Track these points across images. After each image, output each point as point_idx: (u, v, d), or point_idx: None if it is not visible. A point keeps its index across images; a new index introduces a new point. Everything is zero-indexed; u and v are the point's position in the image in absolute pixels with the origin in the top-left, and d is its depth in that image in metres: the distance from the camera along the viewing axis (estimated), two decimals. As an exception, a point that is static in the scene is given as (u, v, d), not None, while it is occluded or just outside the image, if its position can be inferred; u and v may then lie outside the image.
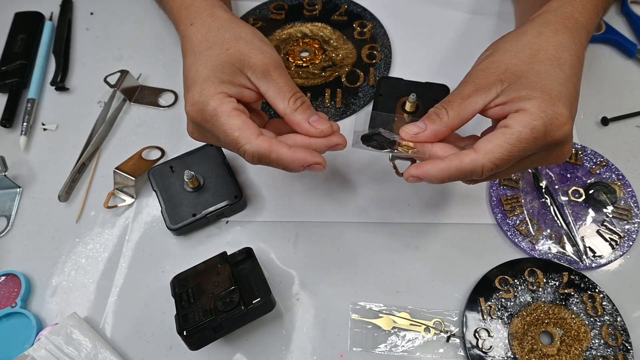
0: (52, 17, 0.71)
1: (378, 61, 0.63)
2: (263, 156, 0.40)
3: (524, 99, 0.37)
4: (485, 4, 0.68)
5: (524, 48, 0.40)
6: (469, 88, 0.39)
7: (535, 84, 0.38)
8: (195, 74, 0.42)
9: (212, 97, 0.40)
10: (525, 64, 0.39)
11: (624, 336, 0.46)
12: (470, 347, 0.46)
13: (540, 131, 0.36)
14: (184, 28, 0.48)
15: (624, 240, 0.50)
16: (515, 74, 0.39)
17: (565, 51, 0.40)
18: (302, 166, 0.40)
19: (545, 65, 0.39)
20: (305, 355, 0.47)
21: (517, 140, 0.36)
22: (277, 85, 0.42)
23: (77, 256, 0.53)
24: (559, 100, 0.37)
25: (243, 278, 0.47)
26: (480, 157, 0.37)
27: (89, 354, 0.47)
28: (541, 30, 0.41)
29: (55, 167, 0.58)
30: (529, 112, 0.36)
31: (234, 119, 0.40)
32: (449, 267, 0.51)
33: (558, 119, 0.37)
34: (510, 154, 0.37)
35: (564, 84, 0.38)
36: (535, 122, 0.36)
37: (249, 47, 0.43)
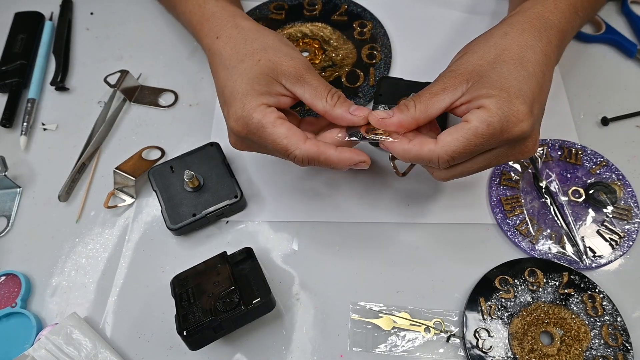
0: (52, 17, 0.71)
1: (378, 61, 0.63)
2: (312, 159, 0.42)
3: (484, 96, 0.39)
4: (485, 3, 0.68)
5: (490, 49, 0.42)
6: (438, 86, 0.42)
7: (496, 83, 0.39)
8: (232, 89, 0.44)
9: (254, 110, 0.42)
10: (489, 64, 0.41)
11: (624, 336, 0.46)
12: (470, 347, 0.46)
13: (496, 127, 0.38)
14: (209, 42, 0.48)
15: (624, 240, 0.50)
16: (479, 73, 0.41)
17: (529, 49, 0.41)
18: (348, 165, 0.43)
19: (507, 65, 0.40)
20: (305, 355, 0.47)
21: (473, 135, 0.39)
22: (311, 87, 0.44)
23: (77, 256, 0.53)
24: (517, 98, 0.39)
25: (243, 278, 0.47)
26: (438, 148, 0.40)
27: (89, 354, 0.47)
28: (507, 30, 0.43)
29: (55, 167, 0.58)
30: (486, 109, 0.39)
31: (279, 127, 0.42)
32: (449, 267, 0.51)
33: (515, 115, 0.38)
34: (465, 148, 0.39)
35: (524, 81, 0.40)
36: (492, 118, 0.38)
37: (278, 55, 0.45)
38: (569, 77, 0.61)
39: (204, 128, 0.60)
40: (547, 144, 0.56)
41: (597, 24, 0.65)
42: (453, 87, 0.41)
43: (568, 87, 0.61)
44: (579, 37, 0.64)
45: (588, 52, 0.64)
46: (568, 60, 0.63)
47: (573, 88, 0.61)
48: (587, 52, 0.64)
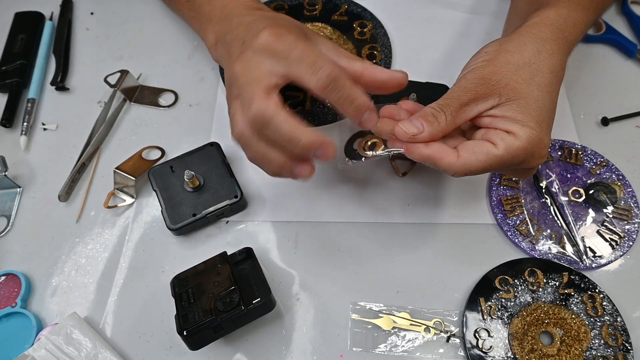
0: (52, 17, 0.71)
1: (378, 61, 0.63)
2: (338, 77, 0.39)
3: (519, 123, 0.39)
4: (484, 4, 0.68)
5: (525, 66, 0.41)
6: (469, 95, 0.40)
7: (532, 112, 0.39)
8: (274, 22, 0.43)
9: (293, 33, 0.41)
10: (525, 85, 0.40)
11: (624, 336, 0.46)
12: (470, 347, 0.46)
13: (521, 157, 0.39)
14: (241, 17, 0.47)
15: (624, 241, 0.50)
16: (514, 91, 0.39)
17: (555, 76, 0.42)
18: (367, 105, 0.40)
19: (542, 92, 0.40)
20: (305, 355, 0.47)
21: (497, 161, 0.39)
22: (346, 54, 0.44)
23: (77, 256, 0.53)
24: (547, 134, 0.39)
25: (243, 278, 0.47)
26: (458, 164, 0.39)
27: (89, 354, 0.47)
28: (540, 48, 0.42)
29: (55, 167, 0.58)
30: (518, 139, 0.38)
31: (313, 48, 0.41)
32: (449, 267, 0.51)
33: (542, 150, 0.39)
34: (485, 169, 0.39)
35: (551, 110, 0.41)
36: (519, 151, 0.38)
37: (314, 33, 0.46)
38: (569, 77, 0.61)
39: (204, 128, 0.60)
40: (547, 144, 0.56)
41: (597, 24, 0.65)
42: (484, 98, 0.40)
43: (568, 87, 0.61)
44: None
45: (588, 52, 0.64)
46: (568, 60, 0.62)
47: (573, 88, 0.61)
48: (587, 52, 0.64)
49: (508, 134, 0.39)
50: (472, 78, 0.41)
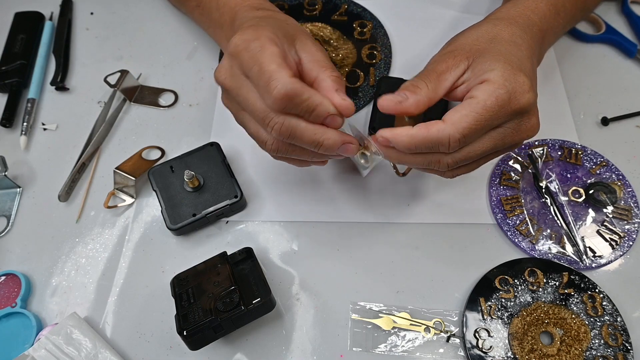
0: (52, 17, 0.71)
1: (378, 61, 0.63)
2: (296, 95, 0.37)
3: (487, 70, 0.39)
4: (484, 4, 0.68)
5: (483, 33, 0.43)
6: (441, 65, 0.41)
7: (498, 57, 0.40)
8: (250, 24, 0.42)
9: (264, 36, 0.39)
10: (487, 43, 0.42)
11: (624, 336, 0.46)
12: (470, 347, 0.46)
13: (504, 99, 0.38)
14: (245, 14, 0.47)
15: (624, 240, 0.50)
16: (479, 51, 0.41)
17: (518, 37, 0.43)
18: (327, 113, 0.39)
19: (504, 45, 0.41)
20: (305, 355, 0.47)
21: (483, 109, 0.37)
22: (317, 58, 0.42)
23: (77, 256, 0.53)
24: (520, 70, 0.39)
25: (243, 278, 0.47)
26: (448, 126, 0.37)
27: (89, 354, 0.47)
28: (495, 23, 0.44)
29: (55, 167, 0.58)
30: (492, 82, 0.38)
31: (277, 57, 0.38)
32: (449, 267, 0.51)
33: (521, 86, 0.38)
34: (477, 123, 0.37)
35: (522, 60, 0.41)
36: (500, 90, 0.38)
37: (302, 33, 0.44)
38: (569, 77, 0.61)
39: (204, 128, 0.60)
40: (547, 144, 0.56)
41: (597, 24, 0.65)
42: (455, 65, 0.40)
43: (568, 87, 0.61)
44: (579, 37, 0.64)
45: (588, 52, 0.64)
46: (568, 60, 0.63)
47: (573, 88, 0.61)
48: (587, 52, 0.64)
49: (482, 84, 0.39)
50: (439, 54, 0.43)
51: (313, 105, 0.38)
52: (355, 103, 0.60)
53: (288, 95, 0.37)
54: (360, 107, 0.60)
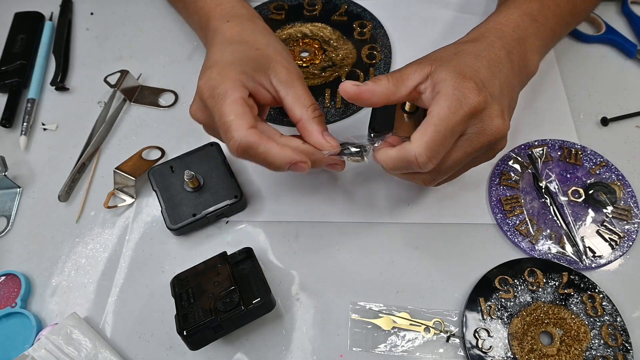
0: (52, 17, 0.71)
1: (378, 61, 0.63)
2: (250, 147, 0.40)
3: (441, 81, 0.41)
4: (485, 5, 0.68)
5: (449, 48, 0.46)
6: (406, 69, 0.43)
7: (452, 69, 0.41)
8: (219, 58, 0.44)
9: (228, 79, 0.41)
10: (452, 54, 0.44)
11: (624, 336, 0.46)
12: (470, 347, 0.46)
13: (455, 106, 0.40)
14: (217, 24, 0.48)
15: (624, 241, 0.50)
16: (441, 59, 0.43)
17: (483, 51, 0.44)
18: (288, 163, 0.41)
19: (463, 56, 0.43)
20: (305, 355, 0.47)
21: (438, 120, 0.39)
22: (297, 92, 0.44)
23: (77, 256, 0.53)
24: (471, 78, 0.41)
25: (243, 278, 0.47)
26: (412, 145, 0.40)
27: (89, 354, 0.47)
28: (464, 40, 0.47)
29: (55, 167, 0.58)
30: (443, 93, 0.40)
31: (237, 105, 0.41)
32: (449, 267, 0.51)
33: (470, 90, 0.40)
34: (437, 135, 0.39)
35: (477, 69, 0.42)
36: (449, 100, 0.40)
37: (277, 55, 0.45)
38: (569, 77, 0.62)
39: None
40: (547, 144, 0.56)
41: (597, 24, 0.65)
42: (419, 69, 0.42)
43: (568, 87, 0.61)
44: (579, 37, 0.64)
45: (588, 52, 0.64)
46: (568, 60, 0.63)
47: (573, 88, 0.61)
48: (587, 52, 0.64)
49: (436, 97, 0.41)
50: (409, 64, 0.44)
51: (270, 159, 0.41)
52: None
53: (243, 148, 0.40)
54: (360, 108, 0.60)
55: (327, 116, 0.59)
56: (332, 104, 0.60)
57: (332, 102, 0.60)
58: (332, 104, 0.60)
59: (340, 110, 0.60)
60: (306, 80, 0.62)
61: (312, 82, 0.62)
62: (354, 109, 0.60)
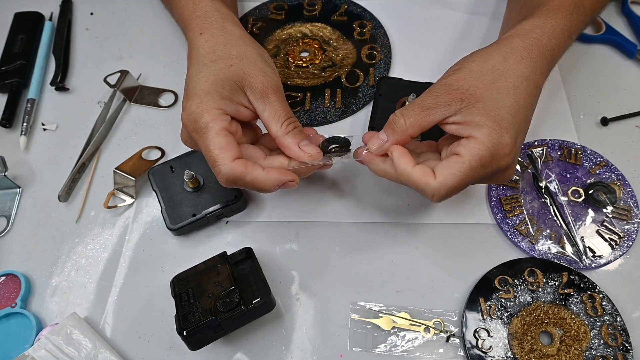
0: (52, 17, 0.71)
1: (378, 61, 0.63)
2: (238, 178, 0.42)
3: (477, 125, 0.40)
4: (484, 4, 0.68)
5: (488, 72, 0.42)
6: (431, 100, 0.42)
7: (490, 112, 0.40)
8: (196, 85, 0.44)
9: (208, 111, 0.42)
10: (486, 89, 0.41)
11: (624, 336, 0.46)
12: (470, 347, 0.46)
13: (487, 160, 0.40)
14: (193, 35, 0.49)
15: (624, 241, 0.50)
16: (474, 96, 0.41)
17: (524, 81, 0.42)
18: (276, 185, 0.43)
19: (502, 94, 0.41)
20: (305, 355, 0.47)
21: (468, 169, 0.40)
22: (273, 107, 0.44)
23: (77, 256, 0.53)
24: (507, 132, 0.40)
25: (243, 278, 0.47)
26: (436, 184, 0.40)
27: (89, 354, 0.47)
28: (507, 56, 0.43)
29: (55, 167, 0.58)
30: (478, 142, 0.40)
31: (220, 137, 0.42)
32: (449, 267, 0.51)
33: (503, 149, 0.40)
34: (462, 181, 0.40)
35: (515, 114, 0.41)
36: (483, 152, 0.39)
37: (252, 68, 0.45)
38: (569, 77, 0.62)
39: (204, 128, 0.60)
40: (547, 144, 0.56)
41: (597, 24, 0.65)
42: (446, 104, 0.41)
43: (568, 87, 0.61)
44: (579, 37, 0.64)
45: (588, 52, 0.64)
46: (568, 60, 0.63)
47: (573, 88, 0.61)
48: (587, 52, 0.64)
49: (469, 140, 0.40)
50: (437, 85, 0.43)
51: (258, 186, 0.42)
52: (355, 103, 0.60)
53: (231, 180, 0.42)
54: (359, 108, 0.60)
55: (327, 116, 0.60)
56: (332, 104, 0.60)
57: (332, 102, 0.60)
58: (332, 104, 0.60)
59: (340, 110, 0.60)
60: (306, 80, 0.62)
61: (312, 82, 0.62)
62: (354, 109, 0.60)
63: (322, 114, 0.60)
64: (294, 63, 0.63)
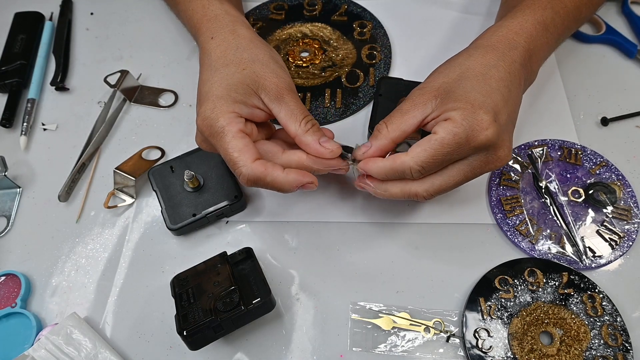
0: (52, 17, 0.71)
1: (378, 61, 0.63)
2: (258, 179, 0.42)
3: (451, 109, 0.41)
4: (484, 4, 0.68)
5: (455, 68, 0.44)
6: (408, 104, 0.44)
7: (461, 97, 0.41)
8: (209, 90, 0.44)
9: (223, 115, 0.43)
10: (455, 81, 0.43)
11: (624, 336, 0.46)
12: (470, 347, 0.46)
13: (462, 136, 0.40)
14: (204, 40, 0.49)
15: (624, 241, 0.50)
16: (445, 90, 0.43)
17: (492, 68, 0.43)
18: (296, 187, 0.44)
19: (471, 81, 0.43)
20: (305, 355, 0.47)
21: (439, 145, 0.40)
22: (289, 107, 0.45)
23: (77, 256, 0.53)
24: (480, 108, 0.41)
25: (243, 278, 0.47)
26: (408, 159, 0.41)
27: (89, 354, 0.47)
28: (471, 53, 0.45)
29: (55, 167, 0.58)
30: (452, 120, 0.41)
31: (237, 140, 0.42)
32: (449, 267, 0.51)
33: (479, 124, 0.40)
34: (434, 157, 0.41)
35: (487, 95, 0.42)
36: (457, 128, 0.40)
37: (264, 70, 0.45)
38: (569, 77, 0.62)
39: (204, 128, 0.60)
40: (547, 144, 0.56)
41: (597, 24, 0.65)
42: (422, 104, 0.43)
43: (568, 87, 0.61)
44: (579, 37, 0.64)
45: (588, 52, 0.64)
46: (568, 60, 0.63)
47: (573, 88, 0.61)
48: (587, 52, 0.64)
49: (445, 121, 0.41)
50: (413, 91, 0.45)
51: (277, 186, 0.43)
52: (355, 103, 0.60)
53: (252, 180, 0.43)
54: (359, 108, 0.60)
55: (327, 116, 0.60)
56: (332, 104, 0.60)
57: (332, 102, 0.60)
58: (332, 104, 0.60)
59: (340, 110, 0.60)
60: (306, 80, 0.62)
61: (312, 82, 0.62)
62: (354, 109, 0.60)
63: (322, 114, 0.60)
64: (294, 63, 0.63)
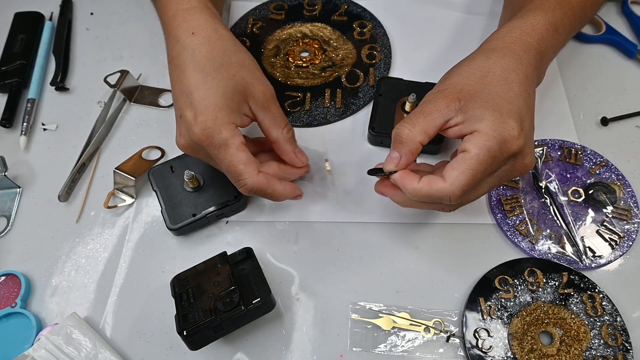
0: (52, 17, 0.71)
1: (378, 61, 0.63)
2: (260, 190, 0.45)
3: (478, 118, 0.40)
4: (484, 4, 0.68)
5: (475, 70, 0.43)
6: (430, 106, 0.42)
7: (487, 104, 0.40)
8: (205, 97, 0.44)
9: (224, 126, 0.44)
10: (477, 85, 0.42)
11: (624, 336, 0.46)
12: (470, 347, 0.46)
13: (495, 150, 0.39)
14: (181, 33, 0.47)
15: (624, 241, 0.50)
16: (469, 93, 0.41)
17: (512, 72, 0.43)
18: (289, 197, 0.48)
19: (494, 86, 0.42)
20: (305, 355, 0.47)
21: (477, 163, 0.39)
22: (273, 115, 0.47)
23: (77, 256, 0.53)
24: (509, 117, 0.40)
25: (243, 278, 0.47)
26: (447, 185, 0.40)
27: (89, 354, 0.47)
28: (489, 55, 0.44)
29: (55, 167, 0.58)
30: (482, 134, 0.39)
31: (242, 153, 0.44)
32: (449, 267, 0.51)
33: (510, 133, 0.39)
34: (474, 178, 0.40)
35: (512, 101, 0.41)
36: (489, 142, 0.39)
37: (251, 77, 0.47)
38: (569, 77, 0.62)
39: (204, 128, 0.60)
40: (547, 144, 0.56)
41: (597, 24, 0.65)
42: (445, 106, 0.41)
43: (568, 87, 0.61)
44: (579, 37, 0.64)
45: (588, 52, 0.64)
46: (568, 60, 0.63)
47: (573, 88, 0.61)
48: (587, 52, 0.64)
49: (473, 134, 0.40)
50: (432, 94, 0.44)
51: (275, 197, 0.47)
52: (355, 103, 0.60)
53: (253, 190, 0.45)
54: (359, 108, 0.60)
55: (327, 116, 0.60)
56: (332, 104, 0.60)
57: (332, 102, 0.60)
58: (332, 104, 0.60)
59: (340, 110, 0.60)
60: (306, 80, 0.62)
61: (312, 82, 0.62)
62: (354, 109, 0.60)
63: (322, 114, 0.60)
64: (294, 63, 0.63)
